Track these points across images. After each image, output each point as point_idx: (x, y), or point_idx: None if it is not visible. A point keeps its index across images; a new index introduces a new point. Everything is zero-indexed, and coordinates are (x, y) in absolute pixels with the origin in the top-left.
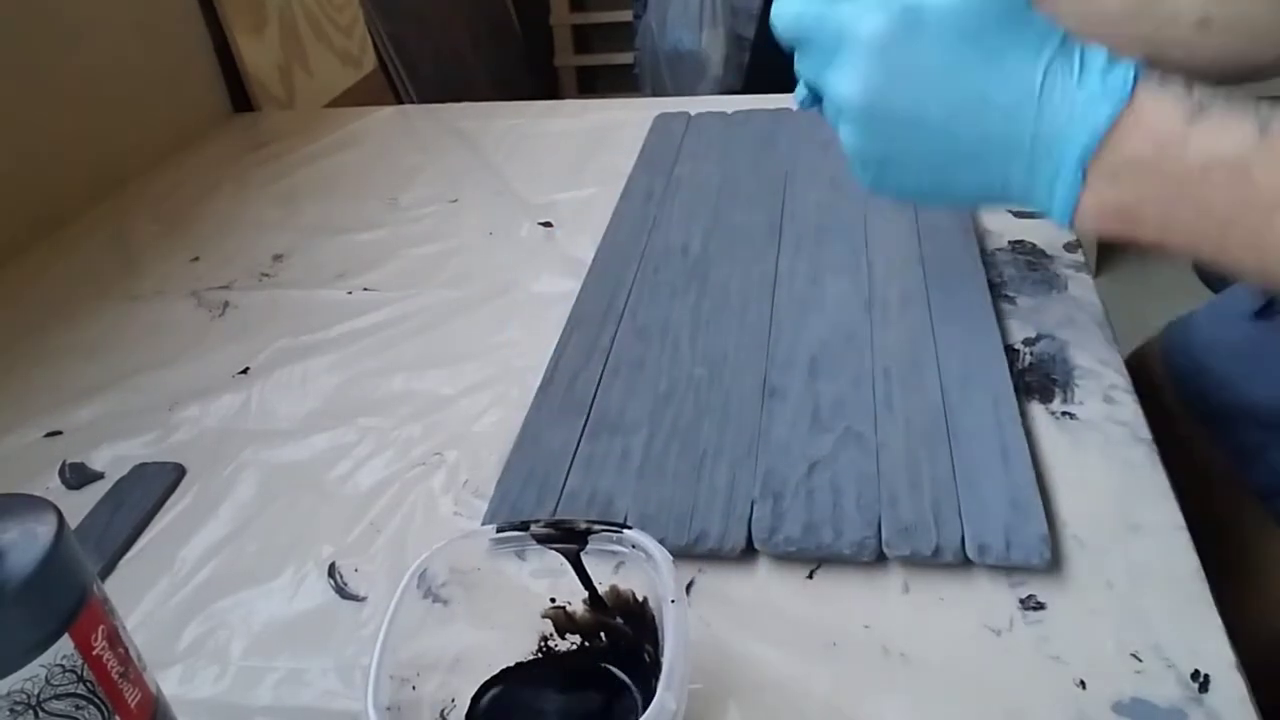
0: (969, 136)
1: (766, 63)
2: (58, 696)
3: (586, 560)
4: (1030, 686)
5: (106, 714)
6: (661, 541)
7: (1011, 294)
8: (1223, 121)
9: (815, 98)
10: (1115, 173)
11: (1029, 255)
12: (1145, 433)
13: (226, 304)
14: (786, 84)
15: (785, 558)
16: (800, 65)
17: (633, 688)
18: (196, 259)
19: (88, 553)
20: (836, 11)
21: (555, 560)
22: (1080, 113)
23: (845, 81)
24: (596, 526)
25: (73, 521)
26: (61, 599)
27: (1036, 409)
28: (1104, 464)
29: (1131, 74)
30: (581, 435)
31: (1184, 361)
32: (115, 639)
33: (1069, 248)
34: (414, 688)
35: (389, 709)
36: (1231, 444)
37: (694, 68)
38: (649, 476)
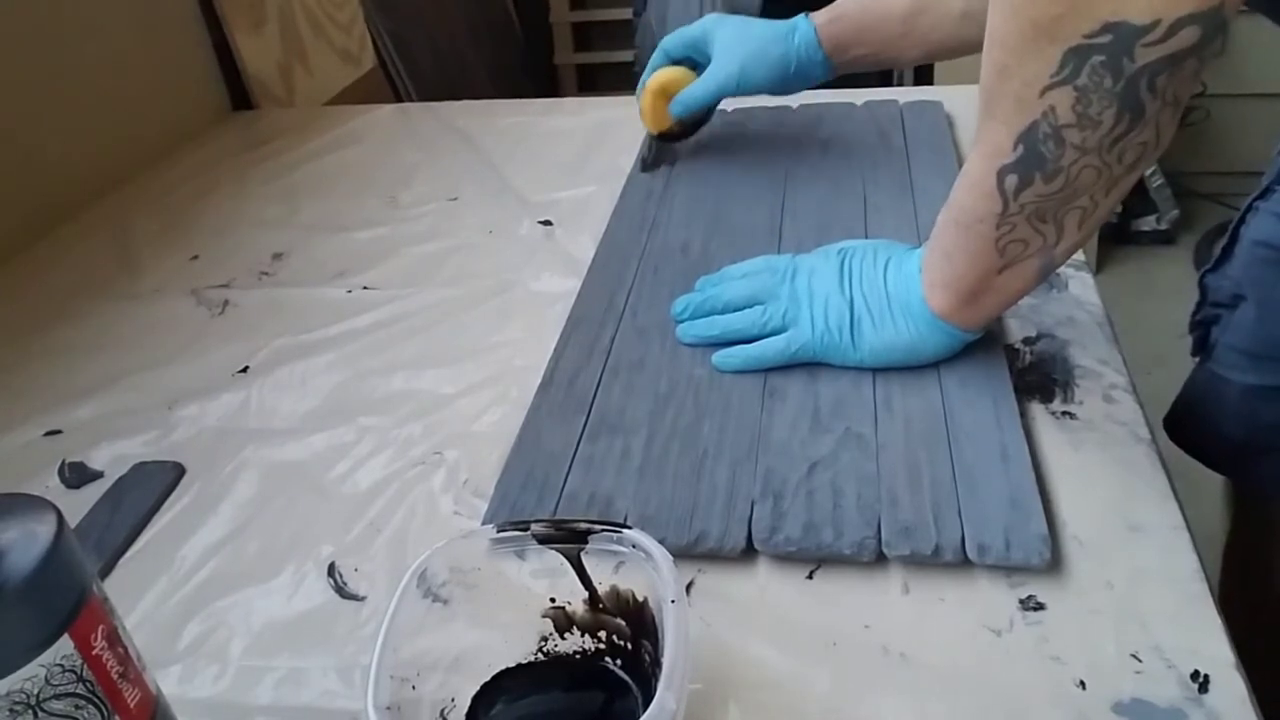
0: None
1: None
2: (57, 696)
3: (586, 560)
4: (1030, 686)
5: (106, 714)
6: (661, 541)
7: None
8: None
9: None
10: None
11: None
12: (1145, 433)
13: (226, 302)
14: None
15: (785, 558)
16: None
17: (633, 687)
18: (196, 257)
19: (87, 552)
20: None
21: (555, 560)
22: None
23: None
24: (597, 526)
25: (72, 521)
26: (61, 599)
27: (1036, 409)
28: (1104, 464)
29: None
30: (581, 435)
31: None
32: (115, 639)
33: None
34: (414, 687)
35: (389, 708)
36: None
37: None
38: (649, 476)
